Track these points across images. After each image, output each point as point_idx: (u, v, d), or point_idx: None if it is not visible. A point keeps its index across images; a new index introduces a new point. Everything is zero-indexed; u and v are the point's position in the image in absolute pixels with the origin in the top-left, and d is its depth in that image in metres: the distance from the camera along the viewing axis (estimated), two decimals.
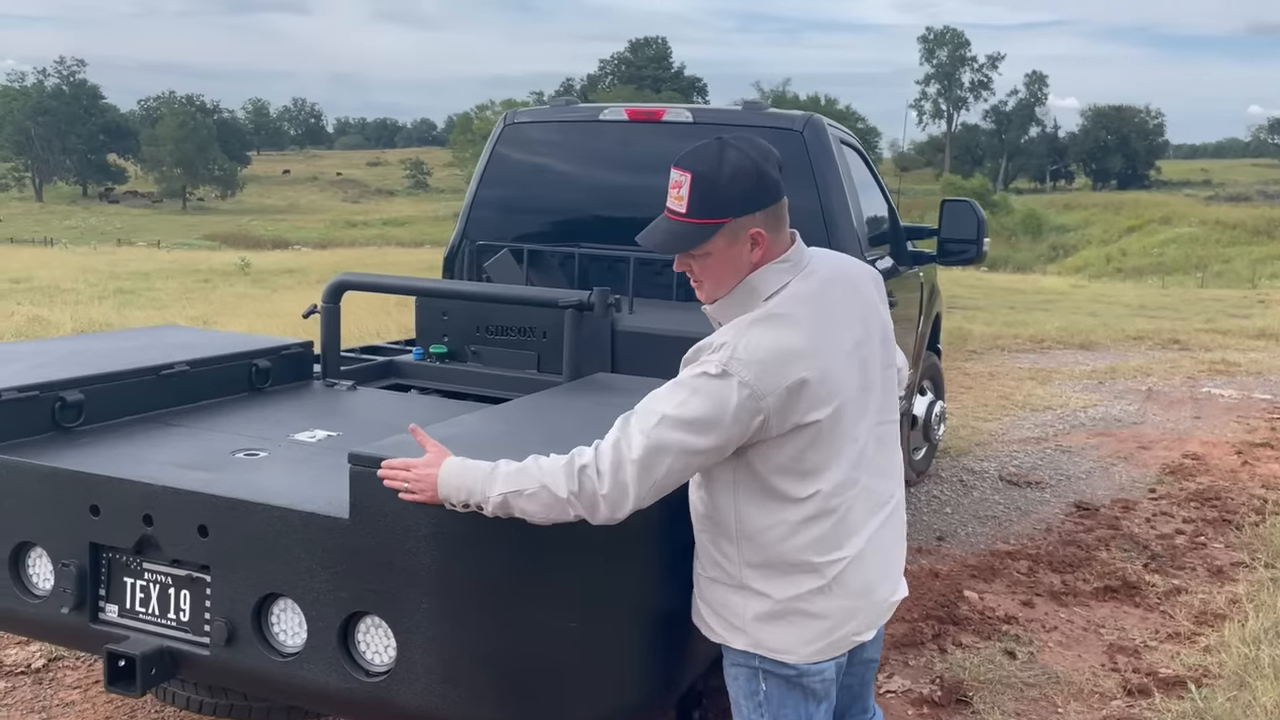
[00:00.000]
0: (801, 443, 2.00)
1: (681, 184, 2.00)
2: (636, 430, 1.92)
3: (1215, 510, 6.23)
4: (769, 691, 2.11)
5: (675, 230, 2.03)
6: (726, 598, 2.10)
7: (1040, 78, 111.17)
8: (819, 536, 2.04)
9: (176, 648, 2.30)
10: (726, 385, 1.91)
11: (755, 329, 1.98)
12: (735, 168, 1.99)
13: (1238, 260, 50.22)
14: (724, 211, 1.99)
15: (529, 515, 1.95)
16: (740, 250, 2.03)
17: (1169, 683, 3.92)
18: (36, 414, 2.60)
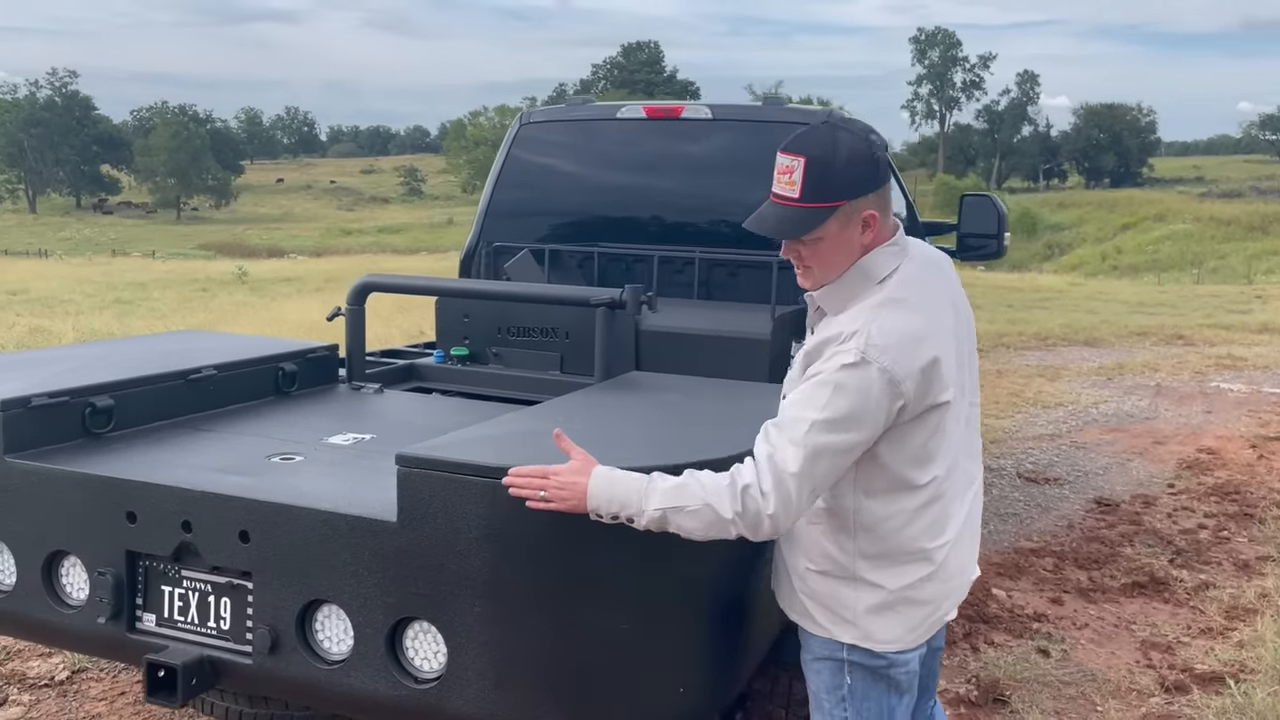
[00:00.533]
0: (930, 427, 1.98)
1: (793, 169, 1.96)
2: (788, 442, 1.88)
3: (1235, 504, 6.20)
4: (853, 685, 2.09)
5: (787, 215, 1.98)
6: (837, 590, 2.07)
7: (1032, 77, 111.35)
8: (931, 522, 2.04)
9: (217, 657, 2.24)
10: (866, 373, 1.88)
11: (883, 313, 1.95)
12: (850, 150, 1.96)
13: (1233, 256, 50.26)
14: (839, 195, 1.95)
15: (687, 532, 1.91)
16: (853, 233, 1.99)
17: (1206, 679, 3.88)
18: (67, 420, 2.54)
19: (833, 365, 1.91)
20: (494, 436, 2.22)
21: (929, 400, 1.95)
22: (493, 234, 4.64)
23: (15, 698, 3.51)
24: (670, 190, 4.48)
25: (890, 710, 2.12)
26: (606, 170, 4.62)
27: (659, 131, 4.55)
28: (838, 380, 1.89)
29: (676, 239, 4.38)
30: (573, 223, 4.60)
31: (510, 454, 2.06)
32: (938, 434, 2.00)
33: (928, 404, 1.95)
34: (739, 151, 4.34)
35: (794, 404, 1.93)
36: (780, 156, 1.99)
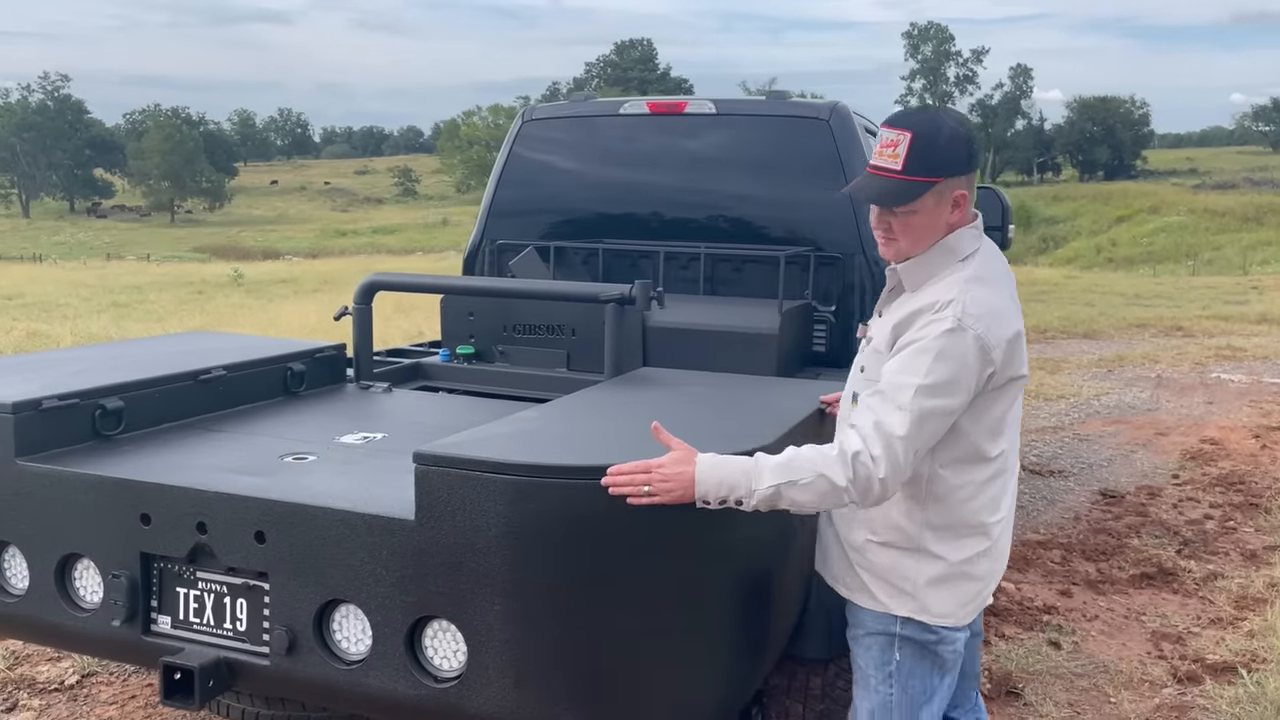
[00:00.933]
0: (1008, 399, 2.09)
1: (898, 142, 2.05)
2: (894, 408, 1.96)
3: (1241, 495, 6.20)
4: (901, 661, 2.15)
5: (888, 186, 2.07)
6: (899, 562, 2.13)
7: (1025, 70, 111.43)
8: (993, 495, 2.14)
9: (234, 658, 2.22)
10: (963, 339, 1.98)
11: (974, 286, 2.05)
12: (951, 131, 2.07)
13: (1228, 247, 50.28)
14: (939, 171, 2.06)
15: (799, 505, 1.98)
16: (943, 211, 2.09)
17: (1218, 669, 3.88)
18: (77, 422, 2.52)
19: (931, 333, 1.99)
20: (510, 433, 2.20)
21: (1011, 371, 2.05)
22: (496, 232, 4.62)
23: (25, 703, 3.49)
24: (674, 185, 4.46)
25: (933, 690, 2.17)
26: (610, 166, 4.60)
27: (662, 127, 4.53)
28: (938, 347, 1.98)
29: (682, 234, 4.36)
30: (576, 219, 4.57)
31: (527, 451, 2.05)
32: (1012, 408, 2.12)
33: (1009, 375, 2.05)
34: (743, 146, 4.32)
35: (898, 372, 2.00)
36: (884, 130, 2.09)
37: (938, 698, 2.18)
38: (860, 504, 1.99)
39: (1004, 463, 2.13)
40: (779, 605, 2.41)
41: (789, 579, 2.48)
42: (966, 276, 2.06)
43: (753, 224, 4.28)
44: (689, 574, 2.10)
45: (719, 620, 2.19)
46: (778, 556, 2.37)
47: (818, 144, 4.15)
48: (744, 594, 2.25)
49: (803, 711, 2.70)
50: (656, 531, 2.01)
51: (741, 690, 2.34)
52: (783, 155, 4.23)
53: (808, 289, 4.04)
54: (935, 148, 2.04)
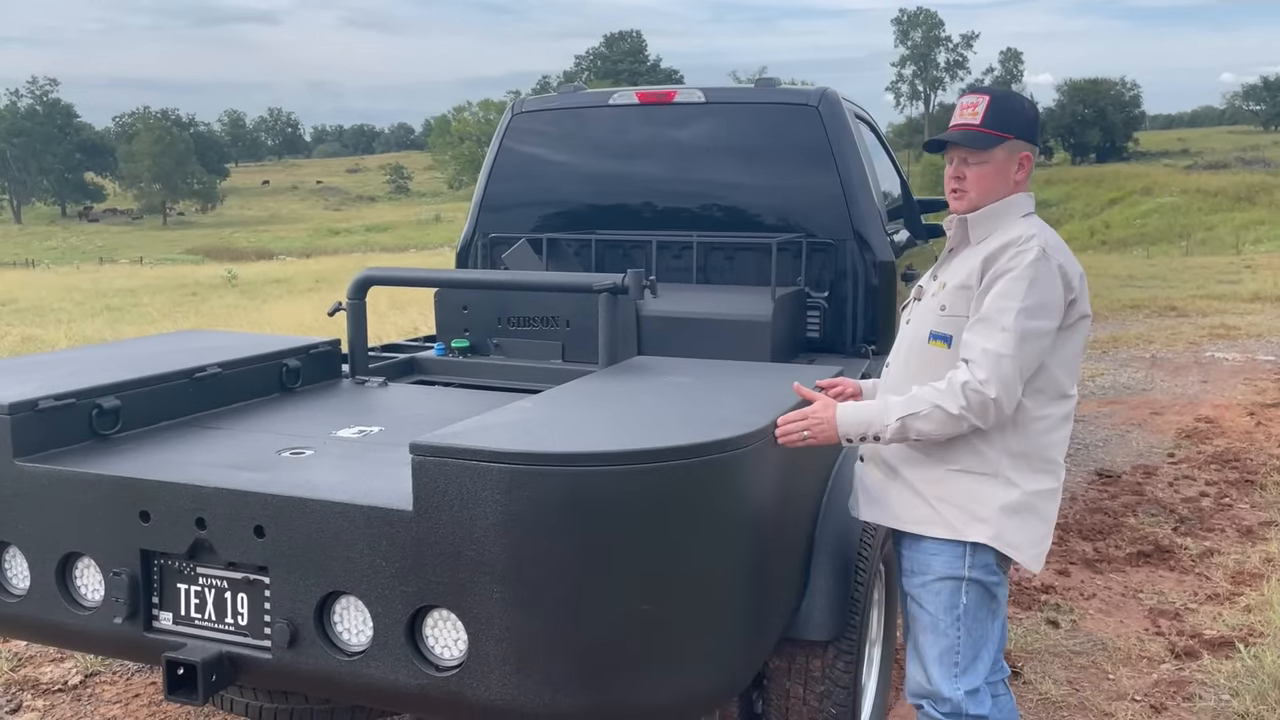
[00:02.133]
0: (1081, 337, 2.32)
1: (978, 104, 2.34)
2: (998, 329, 2.18)
3: (1236, 472, 6.23)
4: (968, 605, 2.32)
5: (966, 133, 2.34)
6: (974, 488, 2.29)
7: (1015, 54, 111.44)
8: (1064, 437, 2.35)
9: (236, 652, 2.23)
10: (1050, 266, 2.23)
11: (1047, 228, 2.32)
12: (1025, 101, 2.39)
13: (1221, 227, 50.33)
14: (1012, 128, 2.33)
15: (925, 434, 2.23)
16: (1011, 168, 2.35)
17: (1215, 644, 3.91)
18: (74, 422, 2.53)
19: (1021, 262, 2.22)
20: (506, 423, 2.21)
21: (1082, 308, 2.30)
22: (488, 226, 4.62)
23: (29, 704, 3.50)
24: (665, 175, 4.47)
25: (988, 635, 2.38)
26: (600, 158, 4.60)
27: (652, 117, 4.54)
28: (1031, 274, 2.21)
29: (674, 224, 4.37)
30: (568, 211, 4.58)
31: (524, 440, 2.06)
32: (1079, 345, 2.33)
33: (1081, 311, 2.30)
34: (733, 134, 4.33)
35: (997, 297, 2.21)
36: (965, 97, 2.39)
37: (992, 643, 2.39)
38: (983, 425, 2.20)
39: (1073, 409, 2.36)
40: (778, 588, 2.43)
41: (788, 562, 2.50)
42: (1038, 223, 2.32)
43: (744, 212, 4.29)
44: (688, 558, 2.12)
45: (718, 604, 2.21)
46: (776, 539, 2.38)
47: (807, 130, 4.16)
48: (743, 577, 2.26)
49: (803, 693, 2.71)
50: (655, 517, 2.03)
51: (742, 674, 2.36)
52: (773, 142, 4.24)
53: (800, 275, 4.05)
54: (1009, 108, 2.33)
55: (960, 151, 2.37)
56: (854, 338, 4.07)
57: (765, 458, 2.25)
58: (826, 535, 2.69)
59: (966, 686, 2.36)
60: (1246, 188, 58.85)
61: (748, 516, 2.23)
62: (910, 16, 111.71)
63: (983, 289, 2.25)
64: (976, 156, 2.34)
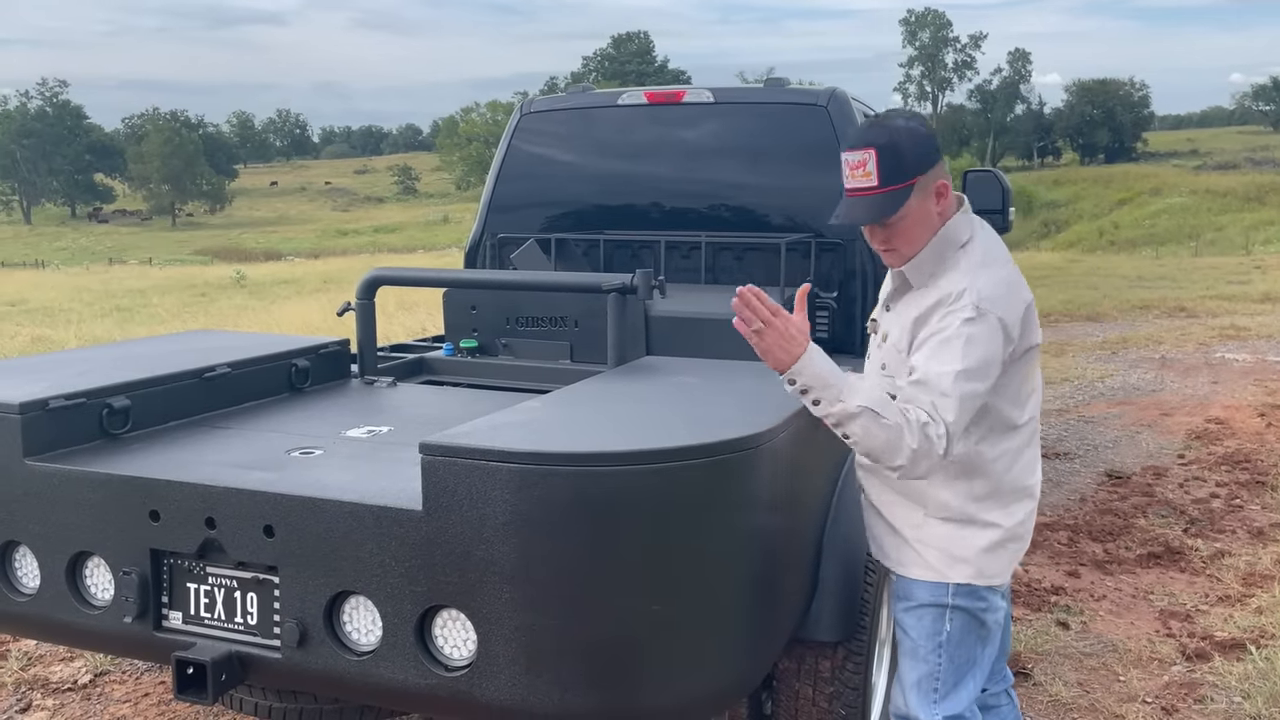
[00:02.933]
0: (1026, 367, 2.20)
1: (866, 160, 2.13)
2: (939, 394, 2.04)
3: (1246, 473, 6.20)
4: (951, 632, 2.25)
5: (872, 203, 2.14)
6: (954, 533, 2.23)
7: (1023, 55, 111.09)
8: (1031, 458, 2.27)
9: (246, 652, 2.23)
10: (987, 324, 2.08)
11: (982, 270, 2.15)
12: (908, 131, 2.16)
13: (1230, 228, 50.13)
14: (914, 171, 2.14)
15: (861, 439, 2.02)
16: (929, 205, 2.18)
17: (1226, 645, 3.89)
18: (85, 421, 2.53)
19: (954, 322, 2.08)
20: (515, 423, 2.21)
21: (1027, 342, 2.17)
22: (497, 227, 4.63)
23: (39, 703, 3.51)
24: (674, 175, 4.46)
25: (976, 661, 2.29)
26: (609, 158, 4.60)
27: (660, 117, 4.53)
28: (966, 333, 2.06)
29: (682, 224, 4.36)
30: (576, 212, 4.58)
31: (533, 440, 2.05)
32: (1031, 375, 2.23)
33: (1026, 345, 2.17)
34: (742, 134, 4.32)
35: (934, 360, 2.07)
36: (848, 154, 2.17)
37: (979, 669, 2.30)
38: (906, 472, 2.04)
39: (1034, 427, 2.27)
40: (787, 589, 2.42)
41: (797, 562, 2.50)
42: (973, 263, 2.15)
43: (753, 212, 4.28)
44: (697, 559, 2.11)
45: (728, 605, 2.20)
46: (786, 540, 2.38)
47: (816, 130, 4.15)
48: (752, 578, 2.26)
49: (812, 694, 2.71)
50: (663, 517, 2.02)
51: (751, 674, 2.35)
52: (781, 142, 4.23)
53: (809, 276, 4.04)
54: (901, 151, 2.12)
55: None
56: (862, 338, 4.06)
57: (774, 458, 2.25)
58: (835, 536, 2.68)
59: (946, 713, 2.29)
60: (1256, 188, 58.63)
61: (757, 517, 2.22)
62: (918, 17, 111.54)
63: (916, 346, 2.15)
64: (891, 218, 2.16)
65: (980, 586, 2.25)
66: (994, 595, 2.28)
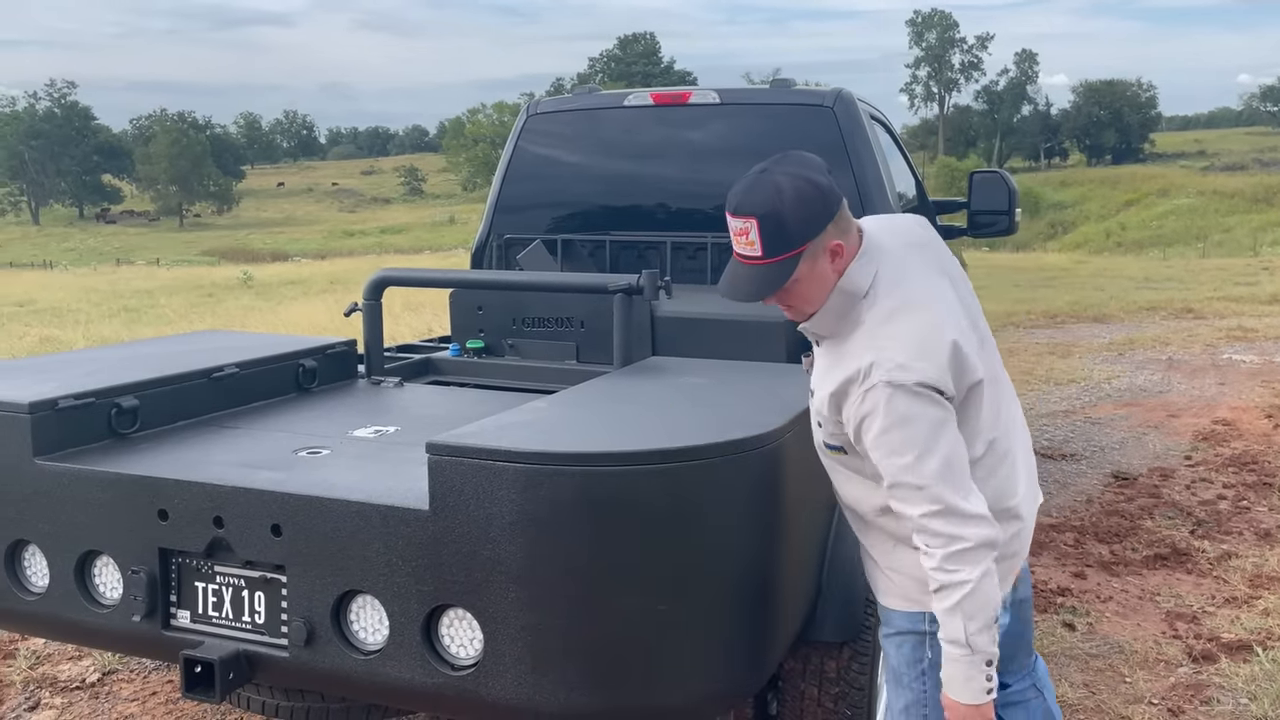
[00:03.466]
0: (973, 406, 2.06)
1: (748, 230, 1.99)
2: (914, 490, 1.96)
3: (1254, 474, 6.19)
4: (934, 658, 2.14)
5: (757, 275, 2.02)
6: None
7: (1030, 56, 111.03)
8: (1004, 480, 2.14)
9: (253, 650, 2.25)
10: (906, 393, 1.94)
11: (885, 330, 2.00)
12: (795, 192, 1.97)
13: (1238, 229, 50.05)
14: (800, 241, 1.98)
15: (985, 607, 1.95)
16: (823, 266, 2.03)
17: (1233, 647, 3.88)
18: (93, 421, 2.55)
19: (877, 409, 1.95)
20: (522, 423, 2.22)
21: (965, 384, 2.02)
22: (503, 227, 4.63)
23: (47, 701, 3.53)
24: (680, 176, 4.47)
25: None
26: (615, 159, 4.61)
27: (666, 118, 4.54)
28: (895, 417, 1.94)
29: (688, 225, 4.37)
30: (583, 212, 4.59)
31: (539, 440, 2.06)
32: (979, 409, 2.07)
33: (966, 386, 2.03)
34: (748, 135, 4.33)
35: (881, 462, 1.98)
36: (730, 219, 2.03)
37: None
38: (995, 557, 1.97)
39: (998, 449, 2.11)
40: (793, 588, 2.42)
41: (802, 562, 2.50)
42: (875, 321, 2.01)
43: None
44: (703, 559, 2.12)
45: (734, 604, 2.21)
46: (791, 539, 2.38)
47: (822, 131, 4.16)
48: (758, 578, 2.26)
49: (818, 695, 2.71)
50: (669, 517, 2.03)
51: (757, 674, 2.35)
52: (787, 143, 4.19)
53: None
54: (785, 222, 1.96)
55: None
56: None
57: (780, 459, 2.25)
58: (841, 536, 2.69)
59: None
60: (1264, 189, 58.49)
61: (763, 517, 2.22)
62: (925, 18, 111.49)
63: (854, 436, 2.03)
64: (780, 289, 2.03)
65: None
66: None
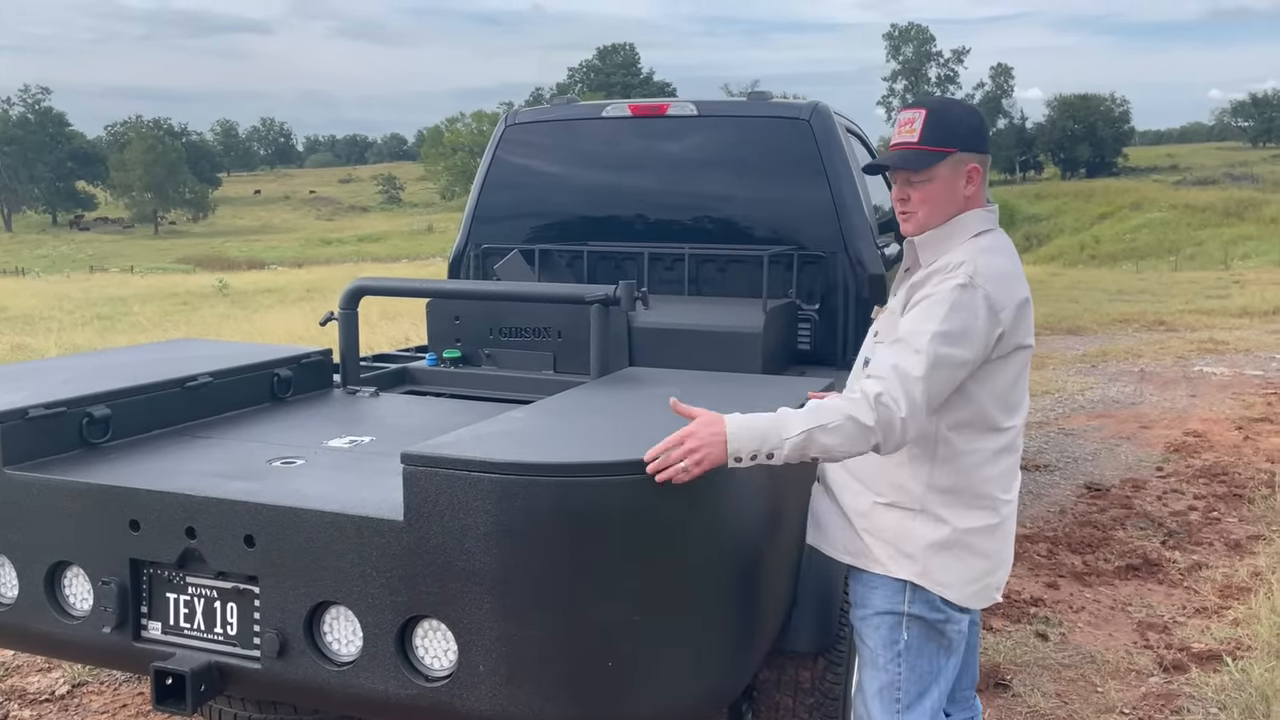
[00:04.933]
0: (1016, 368, 2.17)
1: (914, 119, 2.18)
2: (910, 351, 2.05)
3: (1224, 485, 6.26)
4: (909, 641, 2.20)
5: (907, 154, 2.19)
6: (902, 523, 2.19)
7: (1006, 70, 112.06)
8: (1004, 471, 2.21)
9: (225, 662, 2.23)
10: (975, 295, 2.07)
11: (985, 254, 2.15)
12: (965, 109, 2.24)
13: (1210, 242, 50.61)
14: (953, 142, 2.17)
15: (829, 450, 2.03)
16: (958, 183, 2.19)
17: (1203, 657, 3.92)
18: (65, 430, 2.52)
19: (945, 287, 2.09)
20: (498, 433, 2.22)
21: (1018, 338, 2.15)
22: (480, 237, 4.63)
23: (16, 713, 3.48)
24: (658, 187, 4.48)
25: (939, 670, 2.24)
26: (593, 169, 4.62)
27: (645, 129, 4.55)
28: (952, 299, 2.07)
29: (665, 235, 4.38)
30: (561, 223, 4.59)
31: (515, 450, 2.06)
32: (1020, 380, 2.19)
33: (1017, 342, 2.14)
34: (725, 147, 4.35)
35: (915, 319, 2.10)
36: (902, 113, 2.22)
37: (943, 678, 2.26)
38: (883, 446, 2.04)
39: (1014, 439, 2.20)
40: (768, 599, 2.43)
41: (778, 573, 2.51)
42: (980, 247, 2.16)
43: (736, 224, 4.30)
44: (678, 569, 2.12)
45: (708, 615, 2.21)
46: (766, 550, 2.39)
47: (799, 144, 4.18)
48: (733, 588, 2.27)
49: (793, 705, 2.72)
50: (644, 527, 2.03)
51: (732, 684, 2.36)
52: (765, 155, 4.26)
53: (791, 288, 4.07)
54: (948, 120, 2.17)
55: (902, 173, 2.21)
56: (845, 350, 4.08)
57: (755, 470, 2.26)
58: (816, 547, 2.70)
59: None
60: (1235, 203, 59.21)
61: (737, 528, 2.23)
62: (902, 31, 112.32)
63: (908, 309, 2.16)
64: (919, 176, 2.18)
65: (936, 596, 2.18)
66: (952, 609, 2.21)
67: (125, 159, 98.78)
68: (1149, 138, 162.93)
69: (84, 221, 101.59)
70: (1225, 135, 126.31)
